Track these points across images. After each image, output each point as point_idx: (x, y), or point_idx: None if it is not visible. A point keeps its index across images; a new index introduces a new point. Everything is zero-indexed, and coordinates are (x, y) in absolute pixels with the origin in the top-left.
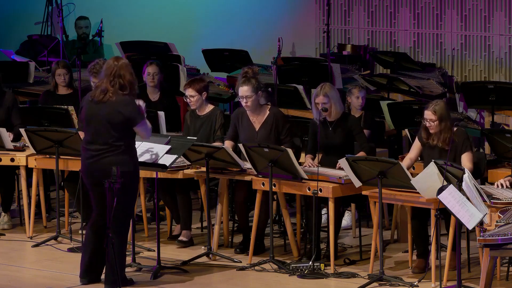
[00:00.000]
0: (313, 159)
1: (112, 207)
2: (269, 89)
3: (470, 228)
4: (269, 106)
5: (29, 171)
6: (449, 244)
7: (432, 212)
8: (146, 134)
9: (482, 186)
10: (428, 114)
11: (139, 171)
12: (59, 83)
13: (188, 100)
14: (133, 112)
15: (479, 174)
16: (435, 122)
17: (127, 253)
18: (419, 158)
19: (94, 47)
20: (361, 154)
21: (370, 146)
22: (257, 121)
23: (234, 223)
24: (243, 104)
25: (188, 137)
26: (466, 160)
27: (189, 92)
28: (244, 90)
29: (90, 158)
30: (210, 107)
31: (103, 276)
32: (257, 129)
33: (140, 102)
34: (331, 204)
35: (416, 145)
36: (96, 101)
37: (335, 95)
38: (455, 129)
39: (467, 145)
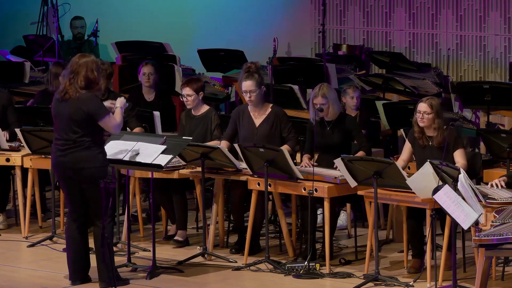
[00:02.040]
0: (309, 159)
1: (108, 207)
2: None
3: (465, 228)
4: (271, 104)
5: (24, 171)
6: (445, 244)
7: (428, 212)
8: (112, 127)
9: (477, 186)
10: (423, 106)
11: (108, 165)
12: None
13: (184, 99)
14: (94, 108)
15: (475, 174)
16: (429, 115)
17: (122, 253)
18: (413, 158)
19: (90, 47)
20: (361, 153)
21: (369, 146)
22: (258, 117)
23: (230, 223)
24: (247, 99)
25: (183, 137)
26: (459, 156)
27: (186, 91)
28: (247, 85)
29: (57, 152)
30: (205, 108)
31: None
32: (257, 125)
33: (121, 99)
34: (326, 204)
35: (407, 147)
36: (60, 99)
37: (333, 96)
38: (444, 127)
39: (458, 143)
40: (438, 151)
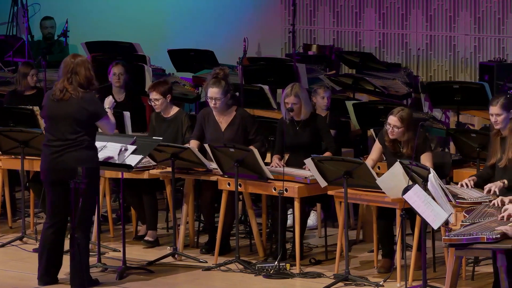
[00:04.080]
0: (280, 159)
1: (78, 207)
2: (237, 93)
3: (435, 227)
4: (236, 107)
5: None
6: (415, 244)
7: (398, 212)
8: (109, 128)
9: (447, 186)
10: (393, 120)
11: (99, 167)
12: (31, 83)
13: (152, 103)
14: (97, 108)
15: (444, 174)
16: (399, 129)
17: (92, 253)
18: (384, 158)
19: (60, 47)
20: (327, 154)
21: (335, 147)
22: (223, 121)
23: (200, 223)
24: (211, 105)
25: (153, 137)
26: (425, 160)
27: (154, 95)
28: (213, 92)
29: (53, 154)
30: (175, 109)
31: (62, 276)
32: (223, 129)
33: (110, 98)
34: (296, 204)
35: (377, 147)
36: (57, 100)
37: (305, 96)
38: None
39: (426, 145)
40: (409, 158)
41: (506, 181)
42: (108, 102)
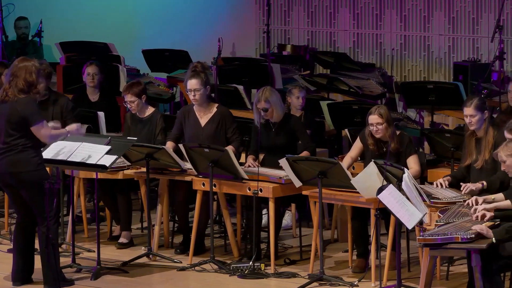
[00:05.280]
0: (254, 159)
1: (53, 208)
2: (212, 95)
3: (409, 227)
4: (217, 104)
5: None
6: (389, 243)
7: (372, 212)
8: (43, 137)
9: (421, 186)
10: (374, 118)
11: (44, 169)
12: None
13: (128, 105)
14: (29, 112)
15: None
16: (383, 125)
17: (66, 254)
18: (359, 158)
19: (34, 48)
20: (306, 154)
21: (314, 146)
22: (204, 117)
23: (175, 223)
24: (191, 97)
25: (128, 138)
26: (413, 162)
27: (129, 97)
28: (192, 84)
29: None
30: (150, 110)
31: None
32: (203, 125)
33: (52, 123)
34: (271, 204)
35: (358, 145)
36: (0, 102)
37: (276, 99)
38: (397, 132)
39: (411, 149)
40: (391, 157)
41: (485, 183)
42: (71, 127)
